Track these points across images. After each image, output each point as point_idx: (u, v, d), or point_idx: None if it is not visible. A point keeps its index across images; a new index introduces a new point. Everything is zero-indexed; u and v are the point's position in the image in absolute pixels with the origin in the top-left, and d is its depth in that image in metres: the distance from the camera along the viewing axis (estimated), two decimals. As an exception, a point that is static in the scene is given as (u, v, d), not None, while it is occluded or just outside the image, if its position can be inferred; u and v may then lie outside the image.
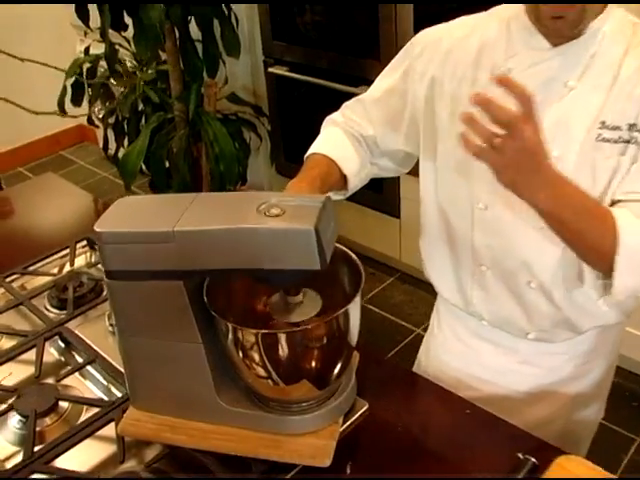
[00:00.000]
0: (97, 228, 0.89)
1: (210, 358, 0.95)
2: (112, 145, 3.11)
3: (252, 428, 0.97)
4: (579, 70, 0.98)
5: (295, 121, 2.96)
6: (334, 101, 1.33)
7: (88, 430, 1.03)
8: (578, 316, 1.10)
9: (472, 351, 1.24)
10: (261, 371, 0.92)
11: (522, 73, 1.00)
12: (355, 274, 0.95)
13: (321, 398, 0.98)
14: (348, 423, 1.02)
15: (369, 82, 1.27)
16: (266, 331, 0.89)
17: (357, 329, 0.95)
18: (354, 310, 0.92)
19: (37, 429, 1.04)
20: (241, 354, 0.92)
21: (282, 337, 0.88)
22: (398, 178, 2.57)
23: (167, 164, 2.86)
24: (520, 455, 0.96)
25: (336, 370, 0.96)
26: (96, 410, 1.07)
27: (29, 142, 4.14)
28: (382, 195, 2.69)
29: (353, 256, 0.97)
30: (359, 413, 1.03)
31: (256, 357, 0.91)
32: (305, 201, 0.88)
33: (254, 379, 0.94)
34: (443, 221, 1.18)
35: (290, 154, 3.04)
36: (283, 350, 0.89)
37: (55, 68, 2.71)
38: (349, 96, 1.30)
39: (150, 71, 2.88)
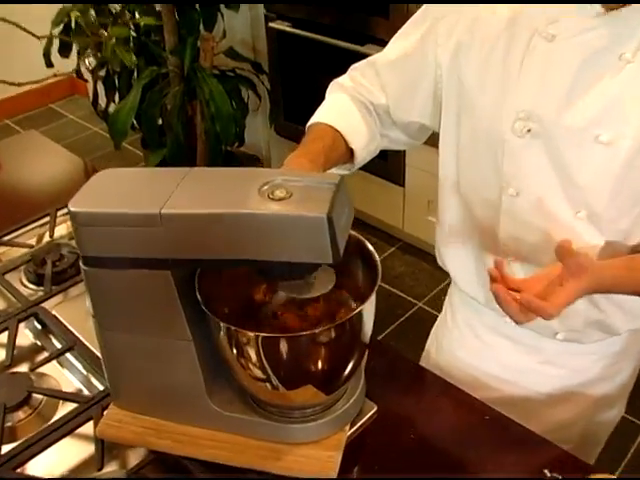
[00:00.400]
0: (72, 207, 0.76)
1: (201, 356, 0.84)
2: (103, 100, 2.95)
3: (247, 435, 0.87)
4: (636, 41, 0.83)
5: (296, 80, 2.81)
6: (338, 59, 1.20)
7: (64, 429, 0.93)
8: (617, 318, 0.99)
9: (490, 348, 1.12)
10: (259, 373, 0.81)
11: (568, 41, 0.86)
12: (370, 267, 0.83)
13: (327, 403, 0.87)
14: (355, 428, 0.91)
15: (376, 40, 1.14)
16: (266, 335, 0.76)
17: (371, 327, 0.84)
18: (369, 309, 0.80)
19: (7, 424, 0.94)
20: (236, 354, 0.80)
21: (285, 340, 0.76)
22: (404, 145, 2.45)
23: (160, 121, 2.71)
24: (547, 472, 0.86)
25: (346, 373, 0.85)
26: (74, 405, 0.96)
27: (17, 93, 3.94)
28: (387, 162, 2.57)
29: (369, 246, 0.84)
30: (367, 416, 0.93)
31: (254, 358, 0.79)
32: (316, 182, 0.75)
33: (251, 382, 0.83)
34: (464, 207, 1.05)
35: (290, 114, 2.90)
36: (286, 353, 0.77)
37: (22, 28, 2.49)
38: (354, 55, 1.15)
39: (143, 21, 2.68)
